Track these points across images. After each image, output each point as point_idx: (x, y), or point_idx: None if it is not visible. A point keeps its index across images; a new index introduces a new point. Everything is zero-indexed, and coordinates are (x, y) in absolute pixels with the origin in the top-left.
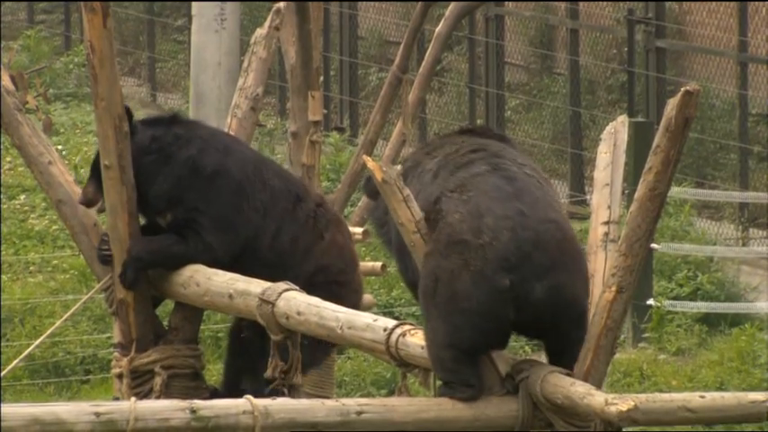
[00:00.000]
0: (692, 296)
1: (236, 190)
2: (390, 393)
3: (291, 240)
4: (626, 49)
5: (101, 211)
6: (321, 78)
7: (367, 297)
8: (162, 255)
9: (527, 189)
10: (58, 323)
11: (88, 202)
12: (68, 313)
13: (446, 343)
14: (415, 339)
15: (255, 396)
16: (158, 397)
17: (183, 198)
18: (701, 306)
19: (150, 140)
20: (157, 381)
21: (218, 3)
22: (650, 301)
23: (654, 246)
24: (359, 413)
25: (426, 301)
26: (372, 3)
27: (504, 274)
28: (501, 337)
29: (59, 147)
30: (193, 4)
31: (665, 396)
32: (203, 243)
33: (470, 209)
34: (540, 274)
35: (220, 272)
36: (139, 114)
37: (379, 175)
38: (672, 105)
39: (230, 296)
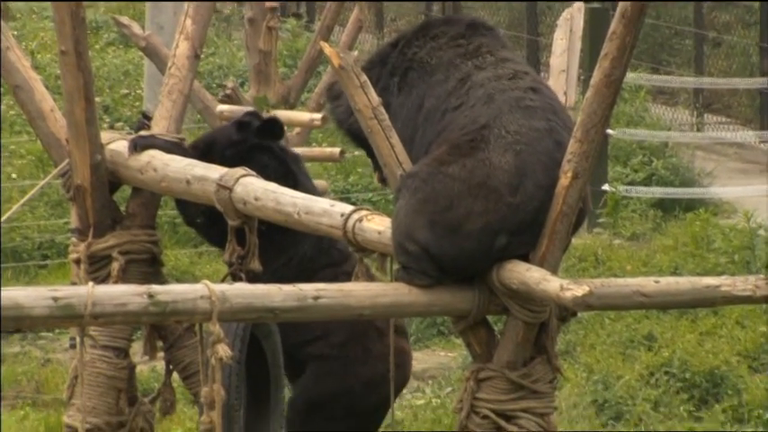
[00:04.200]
0: (647, 181)
1: None
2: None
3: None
4: None
5: None
6: None
7: (321, 183)
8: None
9: None
10: (14, 208)
11: None
12: (25, 198)
13: (420, 242)
14: (372, 225)
15: None
16: (116, 282)
17: None
18: (656, 191)
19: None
20: (115, 266)
21: None
22: (605, 187)
23: (609, 131)
24: (316, 298)
25: (419, 202)
26: None
27: (508, 235)
28: (474, 270)
29: (15, 32)
30: None
31: (620, 281)
32: None
33: (518, 164)
34: (532, 245)
35: (177, 157)
36: None
37: (336, 62)
38: None
39: (188, 182)
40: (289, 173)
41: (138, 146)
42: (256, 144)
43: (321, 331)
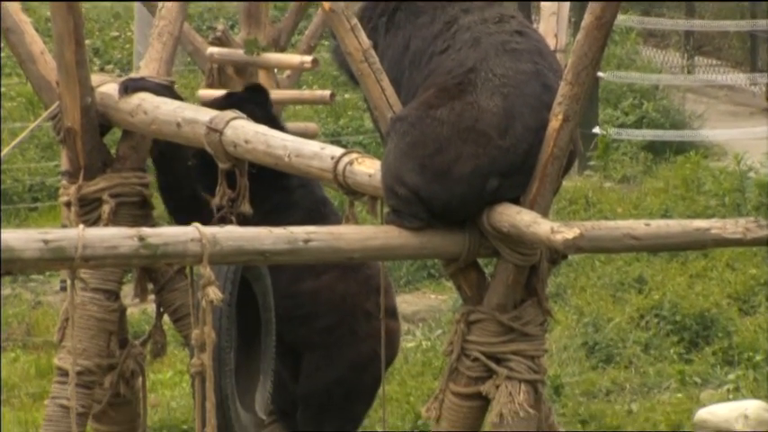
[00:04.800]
0: (638, 124)
1: None
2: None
3: None
4: None
5: None
6: None
7: (312, 125)
8: None
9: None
10: (5, 151)
11: None
12: (16, 141)
13: (409, 185)
14: (363, 168)
15: None
16: (106, 225)
17: None
18: (647, 134)
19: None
20: (105, 209)
21: None
22: (596, 130)
23: (600, 74)
24: (306, 241)
25: (408, 146)
26: None
27: (498, 178)
28: (464, 213)
29: None
30: None
31: (611, 224)
32: None
33: (506, 107)
34: (523, 187)
35: (168, 100)
36: None
37: (326, 4)
38: None
39: (178, 124)
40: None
41: (128, 88)
42: (245, 97)
43: (306, 311)
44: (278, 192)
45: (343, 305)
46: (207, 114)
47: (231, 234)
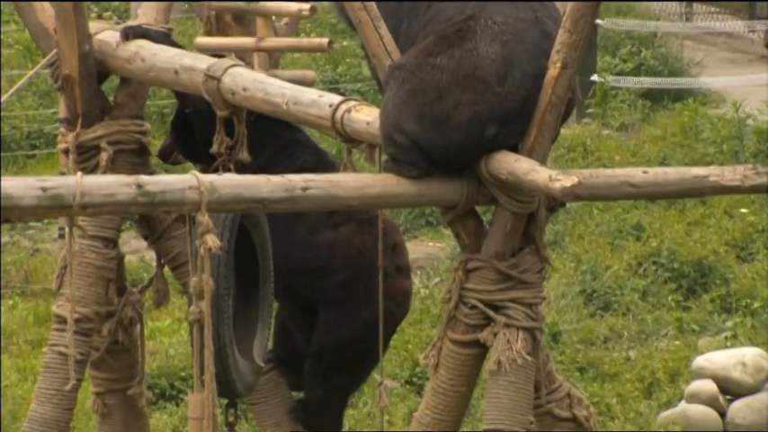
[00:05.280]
0: (636, 71)
1: None
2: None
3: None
4: None
5: (175, 162)
6: None
7: (310, 73)
8: None
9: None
10: (3, 98)
11: (164, 156)
12: (14, 88)
13: (408, 133)
14: (360, 115)
15: None
16: (104, 172)
17: None
18: (645, 81)
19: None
20: (103, 156)
21: None
22: (594, 77)
23: (598, 22)
24: (304, 189)
25: (407, 93)
26: None
27: (497, 125)
28: (462, 161)
29: None
30: None
31: (609, 171)
32: None
33: (505, 54)
34: (521, 135)
35: (166, 47)
36: None
37: None
38: None
39: (176, 72)
40: None
41: (128, 35)
42: None
43: (323, 263)
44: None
45: (359, 260)
46: (205, 62)
47: (229, 182)
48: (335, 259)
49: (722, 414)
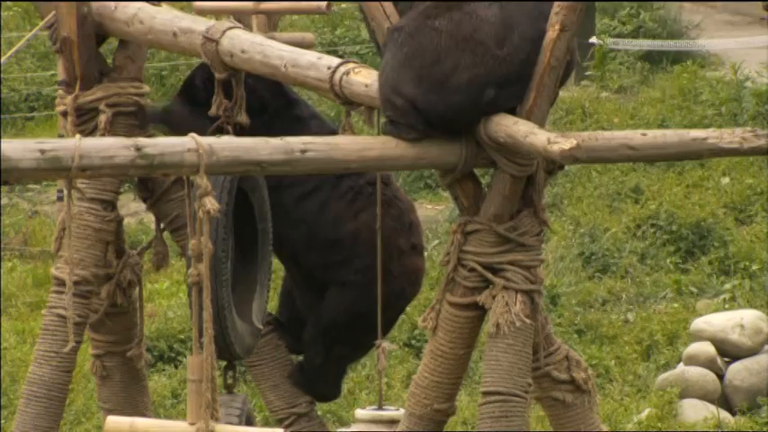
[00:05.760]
0: (635, 34)
1: None
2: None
3: (321, 204)
4: None
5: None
6: None
7: (308, 35)
8: None
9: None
10: (2, 60)
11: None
12: (12, 50)
13: (407, 96)
14: (359, 78)
15: None
16: (103, 134)
17: None
18: (644, 44)
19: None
20: (102, 118)
21: None
22: (593, 39)
23: None
24: (303, 151)
25: (406, 56)
26: None
27: (495, 88)
28: (461, 124)
29: None
30: None
31: (607, 134)
32: None
33: (504, 16)
34: (520, 98)
35: (164, 9)
36: None
37: None
38: None
39: (174, 34)
40: None
41: None
42: None
43: (347, 253)
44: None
45: (381, 236)
46: (203, 24)
47: (228, 144)
48: (358, 247)
49: (720, 376)
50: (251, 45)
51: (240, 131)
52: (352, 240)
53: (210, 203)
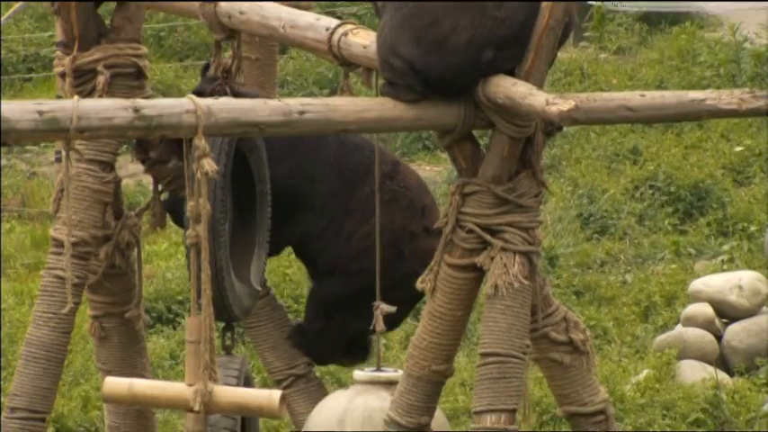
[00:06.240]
0: None
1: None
2: (333, 93)
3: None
4: None
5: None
6: None
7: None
8: None
9: None
10: (1, 20)
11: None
12: (11, 11)
13: (405, 57)
14: (358, 39)
15: None
16: (101, 96)
17: None
18: (642, 5)
19: None
20: (100, 80)
21: None
22: (591, 1)
23: None
24: (301, 113)
25: (404, 17)
26: None
27: (494, 49)
28: (459, 85)
29: None
30: None
31: (606, 95)
32: None
33: None
34: (518, 59)
35: None
36: None
37: None
38: None
39: None
40: None
41: None
42: None
43: (364, 254)
44: None
45: (391, 235)
46: None
47: (226, 106)
48: (371, 247)
49: (718, 337)
50: (249, 6)
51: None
52: (364, 242)
53: (209, 165)
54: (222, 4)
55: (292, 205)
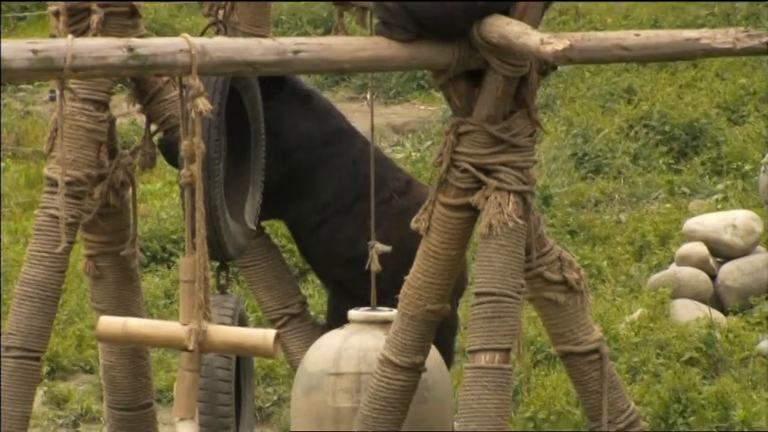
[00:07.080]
0: None
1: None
2: (327, 32)
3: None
4: None
5: None
6: None
7: None
8: None
9: None
10: None
11: None
12: None
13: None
14: None
15: None
16: (95, 35)
17: None
18: None
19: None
20: (94, 18)
21: None
22: None
23: None
24: (296, 52)
25: None
26: None
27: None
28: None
29: None
30: None
31: (600, 34)
32: None
33: None
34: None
35: None
36: None
37: None
38: None
39: None
40: None
41: None
42: None
43: (360, 251)
44: None
45: (400, 245)
46: None
47: (220, 45)
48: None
49: (713, 276)
50: None
51: None
52: (359, 246)
53: (203, 104)
54: None
55: (297, 187)
